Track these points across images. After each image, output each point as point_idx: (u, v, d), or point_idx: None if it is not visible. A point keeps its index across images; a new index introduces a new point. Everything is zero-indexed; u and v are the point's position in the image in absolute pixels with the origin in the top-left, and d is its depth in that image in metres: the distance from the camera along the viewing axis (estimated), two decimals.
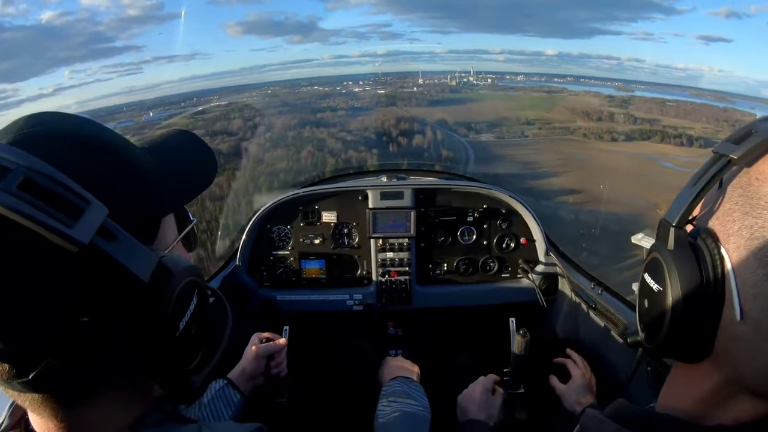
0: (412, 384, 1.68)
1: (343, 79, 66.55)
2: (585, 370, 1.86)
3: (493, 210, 2.51)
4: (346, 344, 2.60)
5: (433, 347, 2.64)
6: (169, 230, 0.74)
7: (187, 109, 25.90)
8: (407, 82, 57.77)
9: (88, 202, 0.55)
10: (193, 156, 0.84)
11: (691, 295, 0.57)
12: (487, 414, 1.71)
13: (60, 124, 0.64)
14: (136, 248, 0.59)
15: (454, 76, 63.29)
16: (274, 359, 1.78)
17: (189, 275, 0.65)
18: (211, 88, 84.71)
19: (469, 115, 46.27)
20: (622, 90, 62.57)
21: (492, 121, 44.10)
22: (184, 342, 0.64)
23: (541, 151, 32.36)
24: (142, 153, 0.72)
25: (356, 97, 51.62)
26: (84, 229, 0.53)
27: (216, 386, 1.60)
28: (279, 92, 46.89)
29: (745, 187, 0.57)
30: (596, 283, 2.14)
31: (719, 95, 58.66)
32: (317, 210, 2.50)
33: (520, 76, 78.07)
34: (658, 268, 0.62)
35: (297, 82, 60.26)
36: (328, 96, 48.94)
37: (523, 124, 44.94)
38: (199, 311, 0.67)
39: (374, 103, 44.46)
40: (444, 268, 2.58)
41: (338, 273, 2.56)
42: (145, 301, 0.59)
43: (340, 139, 25.90)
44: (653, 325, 0.64)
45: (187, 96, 39.40)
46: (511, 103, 58.60)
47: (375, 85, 53.44)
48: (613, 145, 34.78)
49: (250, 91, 48.00)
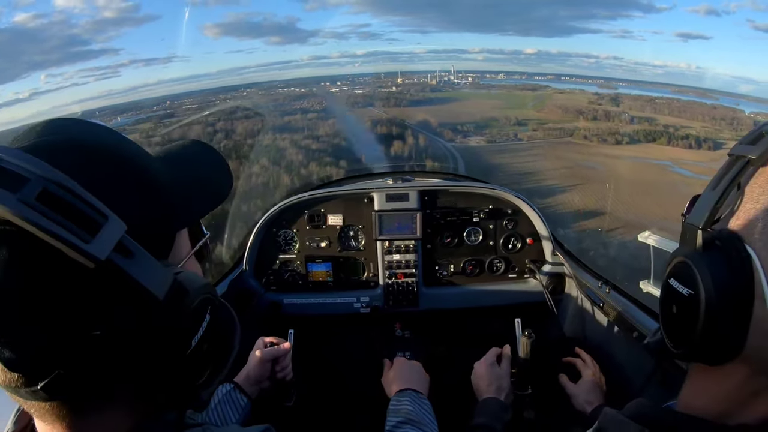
0: (422, 402, 1.63)
1: (321, 80, 60.53)
2: (595, 370, 1.84)
3: (499, 210, 2.50)
4: (353, 347, 2.54)
5: (440, 348, 2.57)
6: (184, 244, 0.73)
7: (157, 113, 25.12)
8: (386, 81, 52.38)
9: (106, 217, 0.54)
10: (209, 169, 0.82)
11: (725, 297, 0.57)
12: (497, 386, 1.72)
13: (79, 132, 0.64)
14: (153, 265, 0.58)
15: (434, 75, 58.04)
16: (279, 363, 1.76)
17: (204, 293, 0.65)
18: (188, 91, 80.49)
19: (454, 116, 42.20)
20: (604, 87, 59.88)
21: (479, 122, 39.63)
22: (195, 358, 0.63)
23: (541, 158, 28.59)
24: (159, 164, 0.71)
25: (332, 97, 45.81)
26: (101, 245, 0.52)
27: (222, 390, 1.59)
28: (253, 94, 41.34)
29: (765, 186, 0.58)
30: (603, 282, 2.11)
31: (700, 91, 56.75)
32: (323, 213, 2.48)
33: (501, 75, 75.35)
34: (688, 272, 0.61)
35: (274, 83, 52.64)
36: (303, 98, 42.86)
37: (515, 125, 40.67)
38: (211, 328, 0.66)
39: (351, 104, 38.80)
40: (450, 270, 2.57)
41: (345, 276, 2.55)
42: (159, 317, 0.59)
43: (304, 148, 21.11)
44: (684, 330, 0.62)
45: (161, 99, 35.68)
46: (495, 101, 54.78)
47: (353, 86, 47.81)
48: (620, 149, 31.45)
49: (225, 94, 41.99)
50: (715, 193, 0.61)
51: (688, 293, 0.60)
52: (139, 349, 0.58)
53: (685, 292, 0.61)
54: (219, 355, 0.70)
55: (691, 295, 0.59)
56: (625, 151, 31.54)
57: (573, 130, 37.92)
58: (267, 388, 1.72)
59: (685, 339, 0.62)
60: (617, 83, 67.55)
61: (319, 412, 2.18)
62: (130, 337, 0.57)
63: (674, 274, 0.64)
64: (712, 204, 0.61)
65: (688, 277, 0.60)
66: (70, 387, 0.57)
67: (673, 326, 0.65)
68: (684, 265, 0.62)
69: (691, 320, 0.59)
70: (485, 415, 1.60)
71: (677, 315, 0.63)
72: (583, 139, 35.71)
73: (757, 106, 54.02)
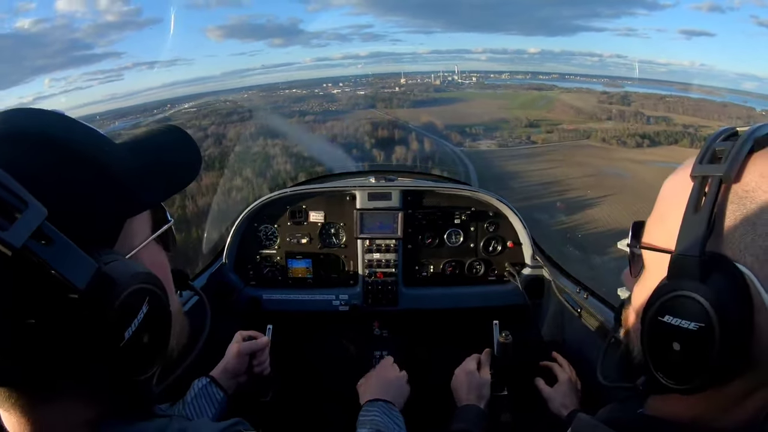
0: (393, 414, 1.62)
1: (323, 81, 58.20)
2: (571, 374, 1.86)
3: (480, 212, 2.50)
4: (332, 344, 2.54)
5: (417, 348, 2.58)
6: (139, 231, 0.71)
7: (156, 116, 25.36)
8: (389, 82, 49.92)
9: (27, 204, 0.53)
10: (174, 155, 0.81)
11: (738, 322, 0.57)
12: (477, 394, 1.75)
13: (25, 122, 0.64)
14: (73, 254, 0.57)
15: (438, 75, 55.78)
16: (257, 357, 1.76)
17: (137, 283, 0.63)
18: (190, 94, 79.38)
19: (460, 117, 40.21)
20: (610, 86, 57.63)
21: (488, 124, 37.46)
22: (132, 351, 0.62)
23: (560, 164, 26.46)
24: (118, 150, 0.71)
25: (333, 99, 43.57)
26: (17, 232, 0.52)
27: (199, 384, 1.59)
28: (254, 96, 39.63)
29: (741, 201, 0.60)
30: (582, 288, 2.13)
31: (706, 89, 54.62)
32: (305, 209, 2.48)
33: (505, 74, 73.34)
34: (692, 305, 0.60)
35: (276, 85, 51.02)
36: (303, 99, 40.61)
37: (526, 127, 38.41)
38: (151, 319, 0.65)
39: (351, 106, 36.44)
40: (430, 270, 2.57)
41: (325, 273, 2.55)
42: (82, 308, 0.57)
43: (294, 156, 19.20)
44: (693, 365, 0.61)
45: (162, 103, 34.31)
46: (502, 101, 52.63)
47: (355, 87, 45.57)
48: (643, 153, 29.40)
49: (225, 96, 39.94)
50: (700, 217, 0.60)
51: (697, 327, 0.59)
52: (66, 340, 0.57)
53: (692, 327, 0.59)
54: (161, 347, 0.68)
55: (701, 328, 0.58)
56: (649, 155, 29.47)
57: (589, 131, 35.77)
58: (244, 383, 1.73)
59: (693, 374, 0.60)
60: (623, 81, 65.12)
61: (296, 408, 2.18)
62: (55, 328, 0.57)
63: (670, 310, 0.62)
64: (701, 231, 0.60)
65: (693, 311, 0.59)
66: (13, 374, 0.58)
67: (675, 364, 0.63)
68: (684, 298, 0.60)
69: (702, 353, 0.58)
70: (465, 421, 1.62)
71: (682, 352, 0.61)
72: (601, 141, 33.57)
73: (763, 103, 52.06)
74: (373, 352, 2.45)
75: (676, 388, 0.63)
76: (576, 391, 1.77)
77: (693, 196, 0.62)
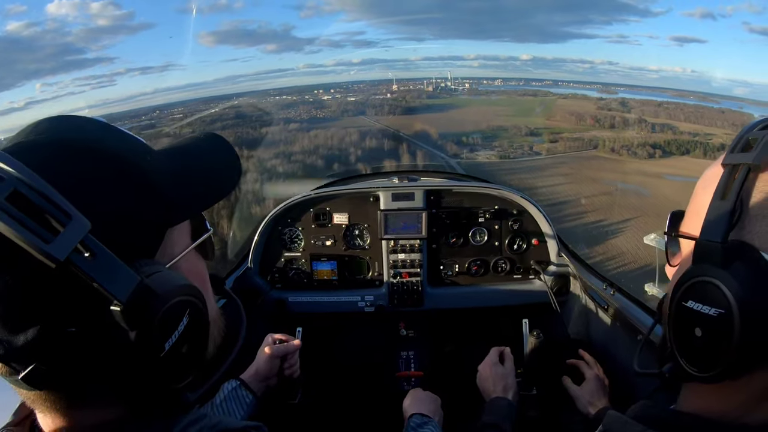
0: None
1: (314, 87, 55.17)
2: (598, 371, 1.85)
3: (504, 210, 2.52)
4: (357, 345, 2.57)
5: (444, 348, 2.61)
6: (179, 240, 0.71)
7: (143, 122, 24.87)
8: (380, 89, 46.69)
9: (70, 217, 0.54)
10: (214, 162, 0.80)
11: (760, 311, 0.56)
12: (503, 385, 1.75)
13: (66, 131, 0.64)
14: (115, 266, 0.57)
15: (430, 81, 52.77)
16: (288, 360, 1.78)
17: (178, 296, 0.63)
18: (181, 101, 76.15)
19: (455, 125, 37.79)
20: (604, 92, 55.30)
21: (486, 132, 34.78)
22: (171, 361, 0.62)
23: (570, 179, 24.13)
24: (158, 158, 0.71)
25: (323, 105, 40.21)
26: (61, 245, 0.52)
27: (228, 387, 1.60)
28: (243, 103, 36.29)
29: (766, 191, 0.59)
30: (608, 284, 2.12)
31: (701, 95, 52.93)
32: (328, 212, 2.51)
33: (498, 81, 71.10)
34: (713, 291, 0.59)
35: (266, 92, 47.23)
36: (291, 106, 37.02)
37: (527, 135, 35.74)
38: (191, 331, 0.65)
39: (340, 113, 33.11)
40: (455, 269, 2.59)
41: (350, 274, 2.58)
42: (125, 319, 0.58)
43: (267, 172, 16.37)
44: (714, 352, 0.60)
45: (150, 109, 30.64)
46: (498, 107, 50.07)
47: (346, 93, 42.07)
48: (656, 165, 27.38)
49: (216, 102, 36.77)
50: (725, 204, 0.60)
51: (717, 313, 0.58)
52: (107, 349, 0.58)
53: (713, 313, 0.59)
54: (199, 356, 0.69)
55: (721, 315, 0.58)
56: (663, 167, 27.43)
57: (595, 141, 33.71)
58: (273, 385, 1.74)
59: (714, 361, 0.60)
60: (616, 88, 63.23)
61: (324, 410, 2.21)
62: (96, 337, 0.58)
63: (693, 295, 0.62)
64: (726, 217, 0.59)
65: (715, 297, 0.59)
66: (48, 380, 0.59)
67: (697, 351, 0.63)
68: (706, 284, 0.60)
69: (723, 340, 0.58)
70: (494, 414, 1.62)
71: (703, 338, 0.61)
72: (610, 152, 31.48)
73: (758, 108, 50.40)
74: (399, 353, 2.49)
75: (697, 376, 0.62)
76: (604, 388, 1.76)
77: (721, 183, 0.62)
